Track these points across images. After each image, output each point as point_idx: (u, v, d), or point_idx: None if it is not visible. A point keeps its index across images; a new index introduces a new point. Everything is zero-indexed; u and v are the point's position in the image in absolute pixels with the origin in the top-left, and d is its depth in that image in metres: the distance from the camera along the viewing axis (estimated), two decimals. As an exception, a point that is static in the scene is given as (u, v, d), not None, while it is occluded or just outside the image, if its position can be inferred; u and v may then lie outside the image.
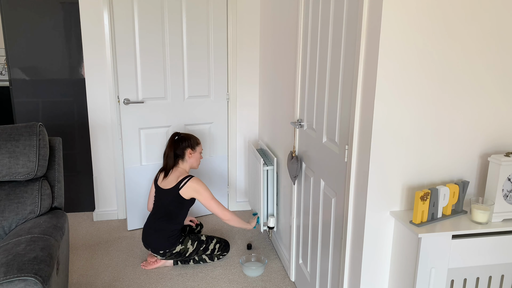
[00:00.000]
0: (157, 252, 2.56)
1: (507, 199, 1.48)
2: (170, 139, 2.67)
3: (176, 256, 2.58)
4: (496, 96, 1.52)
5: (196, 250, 2.62)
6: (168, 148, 2.64)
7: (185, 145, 2.63)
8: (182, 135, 2.68)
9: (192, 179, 2.56)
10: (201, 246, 2.63)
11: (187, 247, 2.58)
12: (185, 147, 2.64)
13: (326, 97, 1.86)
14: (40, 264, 1.53)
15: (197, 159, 2.72)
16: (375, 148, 1.48)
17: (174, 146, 2.63)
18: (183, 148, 2.63)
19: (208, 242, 2.65)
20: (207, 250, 2.65)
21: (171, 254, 2.56)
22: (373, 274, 1.60)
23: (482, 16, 1.44)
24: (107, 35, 3.04)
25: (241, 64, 3.34)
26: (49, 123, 3.27)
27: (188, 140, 2.65)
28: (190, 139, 2.66)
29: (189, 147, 2.65)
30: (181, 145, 2.63)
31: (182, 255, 2.59)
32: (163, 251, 2.54)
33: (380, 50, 1.40)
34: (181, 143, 2.63)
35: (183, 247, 2.57)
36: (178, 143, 2.64)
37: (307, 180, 2.18)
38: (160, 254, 2.56)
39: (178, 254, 2.58)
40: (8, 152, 1.89)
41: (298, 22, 2.18)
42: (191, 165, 2.69)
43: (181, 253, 2.58)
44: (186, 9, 3.09)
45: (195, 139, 2.69)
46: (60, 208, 2.08)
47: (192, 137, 2.68)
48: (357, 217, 1.62)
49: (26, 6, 3.04)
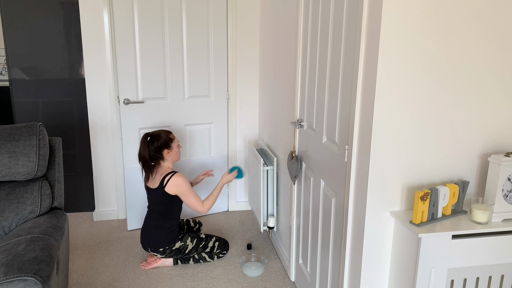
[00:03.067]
0: (157, 250, 2.56)
1: (507, 199, 1.48)
2: (142, 141, 2.54)
3: (176, 253, 2.60)
4: (496, 96, 1.52)
5: (196, 247, 2.63)
6: (142, 151, 2.53)
7: (159, 146, 2.53)
8: (153, 135, 2.54)
9: (174, 175, 2.51)
10: (200, 243, 2.65)
11: (187, 244, 2.60)
12: (161, 149, 2.53)
13: (326, 97, 1.85)
14: (40, 264, 1.53)
15: (177, 153, 2.62)
16: (375, 148, 1.48)
17: (149, 150, 2.53)
18: (158, 150, 2.53)
19: (207, 240, 2.68)
20: (206, 248, 2.67)
21: (171, 251, 2.58)
22: (373, 274, 1.60)
23: (483, 16, 1.44)
24: (107, 35, 3.04)
25: (241, 64, 3.34)
26: (49, 123, 3.27)
27: (160, 139, 2.52)
28: (161, 138, 2.53)
29: (165, 147, 2.54)
30: (155, 147, 2.52)
31: (182, 252, 2.61)
32: (163, 248, 2.56)
33: (380, 50, 1.40)
34: (154, 145, 2.52)
35: (182, 244, 2.59)
36: (152, 145, 2.52)
37: (307, 180, 2.18)
38: (160, 252, 2.57)
39: (177, 251, 2.59)
40: (8, 152, 1.89)
41: (298, 22, 2.18)
42: (172, 161, 2.61)
43: (180, 250, 2.59)
44: (186, 9, 3.09)
45: (167, 135, 2.56)
46: (60, 208, 2.08)
47: (163, 134, 2.55)
48: (357, 217, 1.62)
49: (26, 6, 3.04)
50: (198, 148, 3.36)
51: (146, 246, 2.60)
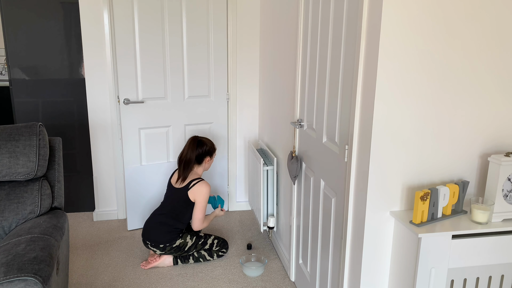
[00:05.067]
0: (157, 246, 2.58)
1: (507, 199, 1.48)
2: (190, 143, 2.69)
3: (175, 251, 2.62)
4: (496, 96, 1.52)
5: (195, 244, 2.66)
6: (187, 152, 2.67)
7: (204, 152, 2.70)
8: (203, 140, 2.71)
9: (201, 181, 2.63)
10: (199, 240, 2.68)
11: (186, 241, 2.63)
12: (205, 155, 2.70)
13: (326, 97, 1.86)
14: (40, 264, 1.53)
15: (211, 164, 2.83)
16: (375, 148, 1.48)
17: (196, 152, 2.68)
18: (202, 156, 2.70)
19: (206, 237, 2.72)
20: (205, 245, 2.70)
21: (171, 248, 2.60)
22: (373, 274, 1.60)
23: (483, 16, 1.44)
24: (107, 35, 3.04)
25: (241, 64, 3.34)
26: (49, 123, 3.27)
27: (207, 146, 2.71)
28: (208, 145, 2.72)
29: (208, 155, 2.73)
30: (201, 151, 2.68)
31: (182, 249, 2.63)
32: (163, 245, 2.58)
33: (380, 50, 1.40)
34: (201, 149, 2.68)
35: (182, 241, 2.62)
36: (199, 149, 2.68)
37: (307, 180, 2.18)
38: (160, 248, 2.59)
39: (177, 248, 2.61)
40: (8, 152, 1.89)
41: (298, 22, 2.18)
42: (204, 169, 2.78)
43: (180, 247, 2.62)
44: (186, 9, 3.09)
45: (213, 145, 2.76)
46: (60, 208, 2.08)
47: (210, 143, 2.74)
48: (357, 217, 1.62)
49: (26, 6, 3.04)
50: (198, 148, 3.36)
51: (147, 240, 2.61)
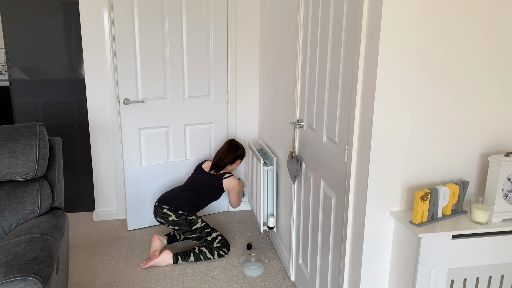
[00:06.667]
0: (176, 211, 2.70)
1: (507, 199, 1.48)
2: (229, 145, 2.97)
3: (185, 224, 2.70)
4: (496, 96, 1.52)
5: (202, 228, 2.75)
6: (225, 152, 2.95)
7: (239, 155, 2.99)
8: (239, 145, 3.01)
9: (232, 176, 2.91)
10: (207, 228, 2.78)
11: (197, 221, 2.75)
12: (238, 158, 3.00)
13: (326, 97, 1.85)
14: (40, 264, 1.53)
15: (238, 167, 3.33)
16: (375, 148, 1.48)
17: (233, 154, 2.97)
18: (236, 158, 2.98)
19: (213, 230, 2.80)
20: (209, 235, 2.76)
21: (185, 218, 2.70)
22: (373, 274, 1.60)
23: (483, 16, 1.44)
24: (107, 35, 3.04)
25: (241, 64, 3.34)
26: (49, 123, 3.27)
27: (242, 151, 3.02)
28: (243, 150, 3.03)
29: (240, 159, 3.01)
30: (237, 154, 2.98)
31: (191, 226, 2.72)
32: (182, 211, 2.70)
33: (380, 50, 1.40)
34: (237, 153, 2.98)
35: (194, 218, 2.74)
36: (236, 151, 2.97)
37: (307, 180, 2.18)
38: (176, 215, 2.69)
39: (188, 222, 2.70)
40: (8, 152, 1.89)
41: (298, 22, 2.18)
42: (232, 170, 3.05)
43: (191, 222, 2.71)
44: (186, 9, 3.09)
45: (245, 151, 3.09)
46: (60, 208, 2.08)
47: (243, 149, 3.04)
48: (357, 217, 1.62)
49: (26, 6, 3.04)
50: (198, 148, 3.36)
51: (166, 204, 2.71)
